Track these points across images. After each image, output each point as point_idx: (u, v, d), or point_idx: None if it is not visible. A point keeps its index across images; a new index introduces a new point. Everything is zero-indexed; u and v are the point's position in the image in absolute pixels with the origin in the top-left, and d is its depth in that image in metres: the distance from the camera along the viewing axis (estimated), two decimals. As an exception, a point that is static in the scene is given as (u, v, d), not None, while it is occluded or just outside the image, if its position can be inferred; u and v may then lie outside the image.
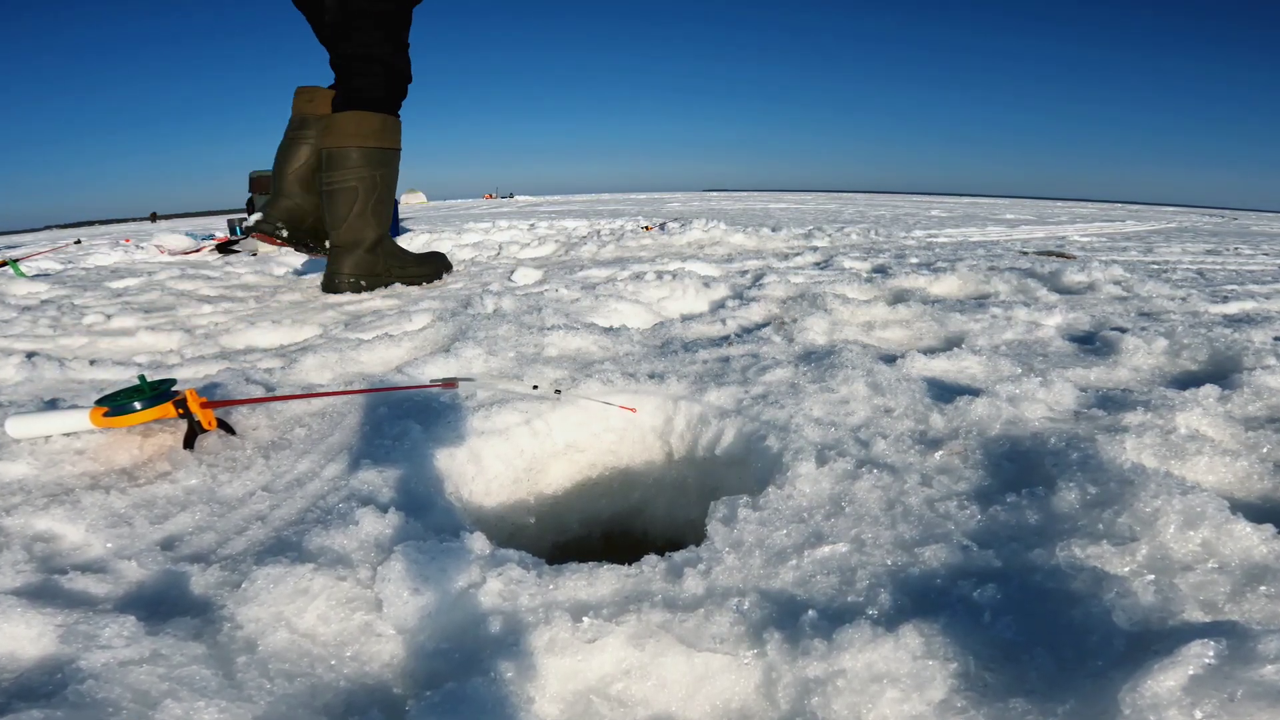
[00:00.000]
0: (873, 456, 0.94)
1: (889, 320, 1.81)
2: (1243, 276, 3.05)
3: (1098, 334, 1.61)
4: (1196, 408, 1.06)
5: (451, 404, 1.20)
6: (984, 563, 0.70)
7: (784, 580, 0.69)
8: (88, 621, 0.64)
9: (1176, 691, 0.45)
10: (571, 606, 0.65)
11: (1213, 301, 2.15)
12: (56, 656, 0.61)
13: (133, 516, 0.87)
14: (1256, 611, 0.61)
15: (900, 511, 0.80)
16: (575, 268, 3.07)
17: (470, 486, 1.03)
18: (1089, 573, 0.64)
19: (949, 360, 1.34)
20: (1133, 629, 0.56)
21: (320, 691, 0.59)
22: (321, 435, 1.10)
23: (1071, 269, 2.46)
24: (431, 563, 0.70)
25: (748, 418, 1.09)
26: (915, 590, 0.67)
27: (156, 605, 0.71)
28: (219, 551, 0.81)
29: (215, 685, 0.58)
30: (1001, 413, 1.05)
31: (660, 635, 0.60)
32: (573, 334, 1.53)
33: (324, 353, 1.51)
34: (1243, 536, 0.68)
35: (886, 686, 0.53)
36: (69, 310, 2.25)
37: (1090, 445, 0.89)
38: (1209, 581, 0.64)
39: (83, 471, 1.00)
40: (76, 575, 0.73)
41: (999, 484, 0.87)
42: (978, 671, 0.55)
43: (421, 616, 0.65)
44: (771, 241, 4.15)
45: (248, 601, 0.67)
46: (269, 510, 0.89)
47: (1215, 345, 1.39)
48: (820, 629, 0.59)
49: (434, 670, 0.61)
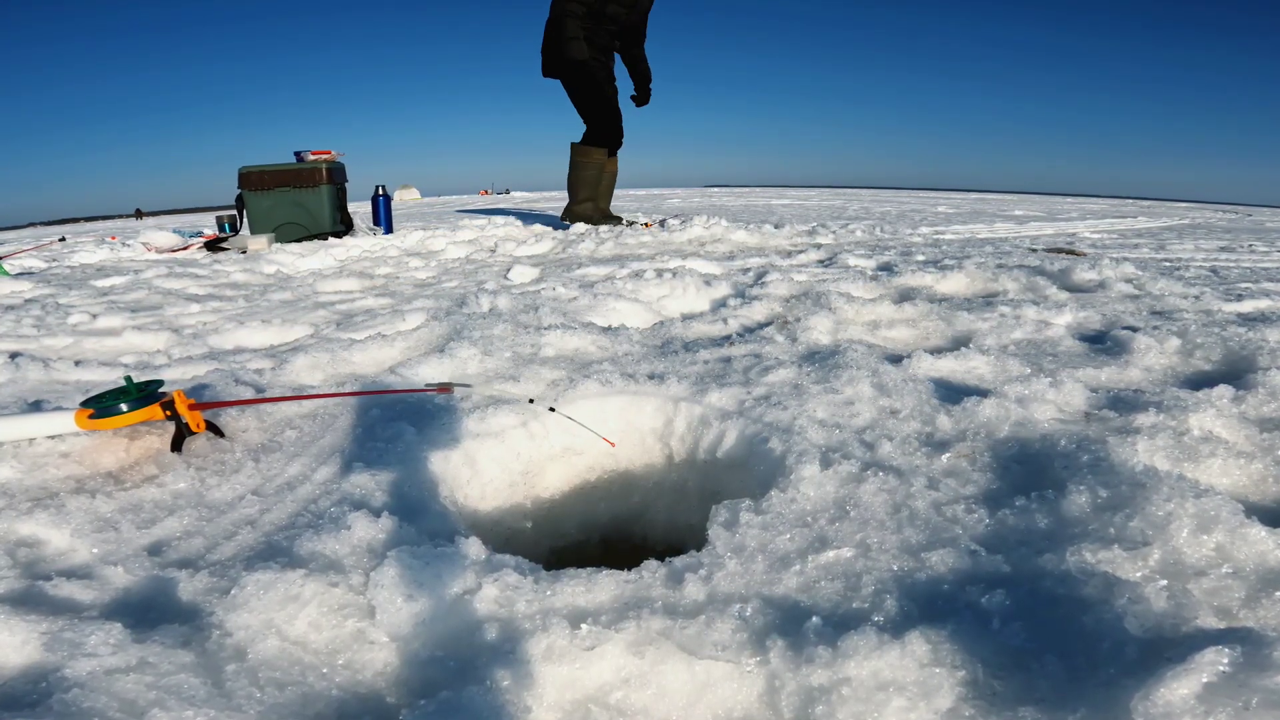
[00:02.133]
0: (878, 459, 0.94)
1: (895, 319, 1.81)
2: (1257, 274, 3.05)
3: (1109, 333, 1.61)
4: (1210, 409, 1.06)
5: (446, 406, 1.20)
6: (992, 568, 0.70)
7: (787, 586, 0.69)
8: (73, 629, 0.64)
9: (1190, 700, 0.45)
10: (569, 613, 0.65)
11: (1226, 300, 2.15)
12: (41, 664, 0.61)
13: (119, 521, 0.87)
14: (1272, 618, 0.61)
15: (906, 515, 0.80)
16: (573, 265, 3.07)
17: (465, 490, 1.03)
18: (1100, 578, 0.64)
19: (956, 360, 1.34)
20: (1145, 636, 0.56)
21: (312, 700, 0.59)
22: (313, 438, 1.10)
23: (1082, 266, 2.46)
24: (426, 568, 0.70)
25: (750, 419, 1.09)
26: (922, 596, 0.67)
27: (144, 612, 0.71)
28: (208, 557, 0.80)
29: (204, 694, 0.58)
30: (1010, 414, 1.05)
31: (660, 643, 0.60)
32: (570, 334, 1.53)
33: (315, 353, 1.51)
34: (1258, 541, 0.68)
35: (893, 695, 0.53)
36: (53, 310, 2.25)
37: (1101, 447, 0.89)
38: (1223, 587, 0.64)
39: (68, 475, 0.99)
40: (61, 581, 0.73)
41: (1008, 487, 0.87)
42: (986, 679, 0.55)
43: (415, 623, 0.65)
44: (774, 239, 4.15)
45: (237, 608, 0.67)
46: (259, 514, 0.89)
47: (1229, 345, 1.39)
48: (825, 636, 0.59)
49: (428, 679, 0.61)
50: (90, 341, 1.86)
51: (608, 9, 4.45)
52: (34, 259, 4.37)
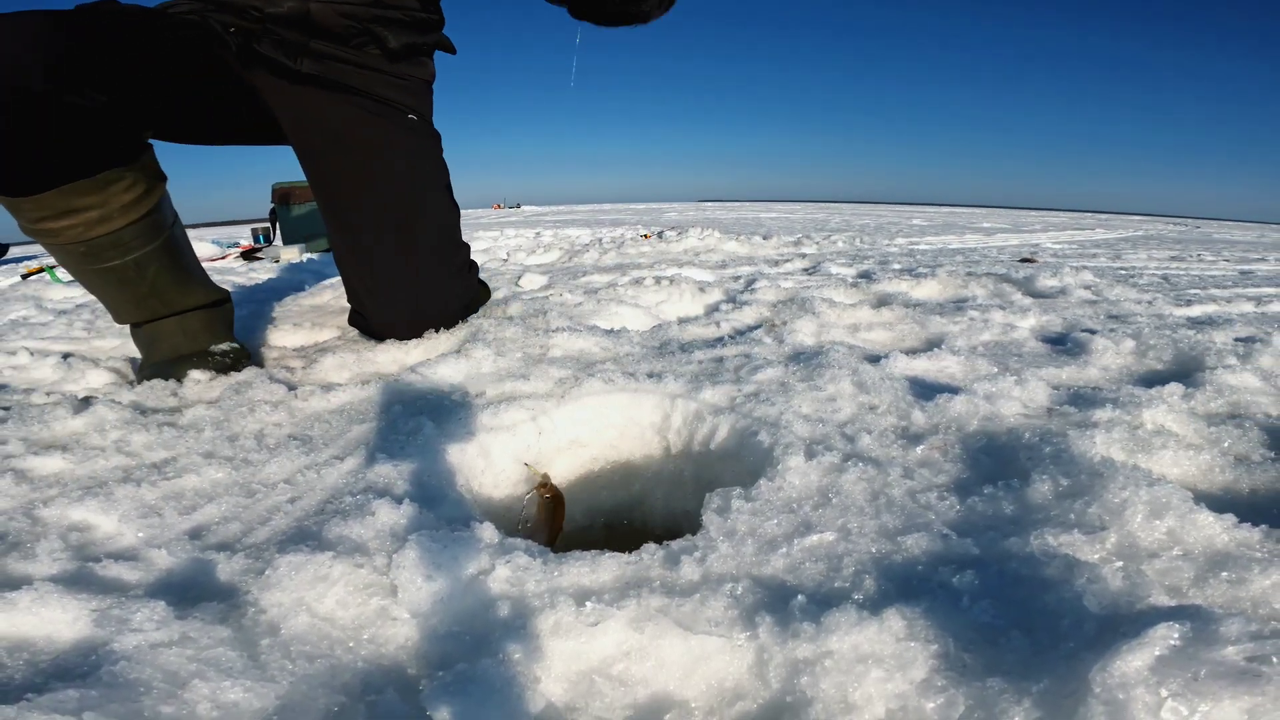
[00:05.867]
0: (858, 451, 0.94)
1: (873, 322, 1.81)
2: (1205, 281, 3.05)
3: (1069, 335, 1.61)
4: (1162, 405, 1.05)
5: (462, 402, 1.19)
6: (963, 550, 0.70)
7: (775, 567, 0.69)
8: (120, 606, 0.64)
9: (1144, 671, 0.45)
10: (575, 592, 0.65)
11: (1177, 305, 2.15)
12: (91, 639, 0.61)
13: (163, 508, 0.87)
14: (1218, 596, 0.61)
15: (884, 502, 0.80)
16: (578, 273, 3.07)
17: (480, 479, 1.03)
18: (1061, 560, 0.64)
19: (930, 360, 1.34)
20: (1103, 612, 0.56)
21: (339, 672, 0.59)
22: (340, 431, 1.10)
23: (1044, 274, 2.46)
24: (444, 551, 0.69)
25: (741, 414, 1.09)
26: (898, 576, 0.67)
27: (185, 591, 0.71)
28: (244, 540, 0.80)
29: (240, 666, 0.58)
30: (979, 410, 1.05)
31: (659, 619, 0.60)
32: (576, 336, 1.53)
33: (342, 353, 1.51)
34: (1205, 525, 0.68)
35: (871, 667, 0.53)
36: (102, 314, 2.24)
37: (1062, 440, 0.89)
38: (1174, 568, 0.64)
39: (115, 466, 0.99)
40: (110, 563, 0.73)
41: (977, 476, 0.86)
42: (957, 653, 0.55)
43: (434, 601, 0.65)
44: (763, 249, 4.14)
45: (271, 587, 0.67)
46: (291, 502, 0.88)
47: (1179, 346, 1.39)
48: (809, 613, 0.59)
49: (446, 652, 0.61)
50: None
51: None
52: (84, 267, 4.37)
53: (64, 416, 1.12)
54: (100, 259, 1.28)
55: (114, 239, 1.27)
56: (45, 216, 1.19)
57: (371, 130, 1.38)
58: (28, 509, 0.86)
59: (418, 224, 1.45)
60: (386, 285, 1.48)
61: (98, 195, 1.21)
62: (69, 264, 1.30)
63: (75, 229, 1.22)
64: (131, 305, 1.39)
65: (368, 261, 1.45)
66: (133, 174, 1.26)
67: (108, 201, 1.23)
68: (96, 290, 1.38)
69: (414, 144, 1.46)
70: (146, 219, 1.31)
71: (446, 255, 1.57)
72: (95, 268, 1.30)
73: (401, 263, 1.45)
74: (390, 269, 1.46)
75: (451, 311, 1.62)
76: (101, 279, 1.33)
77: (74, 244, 1.24)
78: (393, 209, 1.41)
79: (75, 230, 1.22)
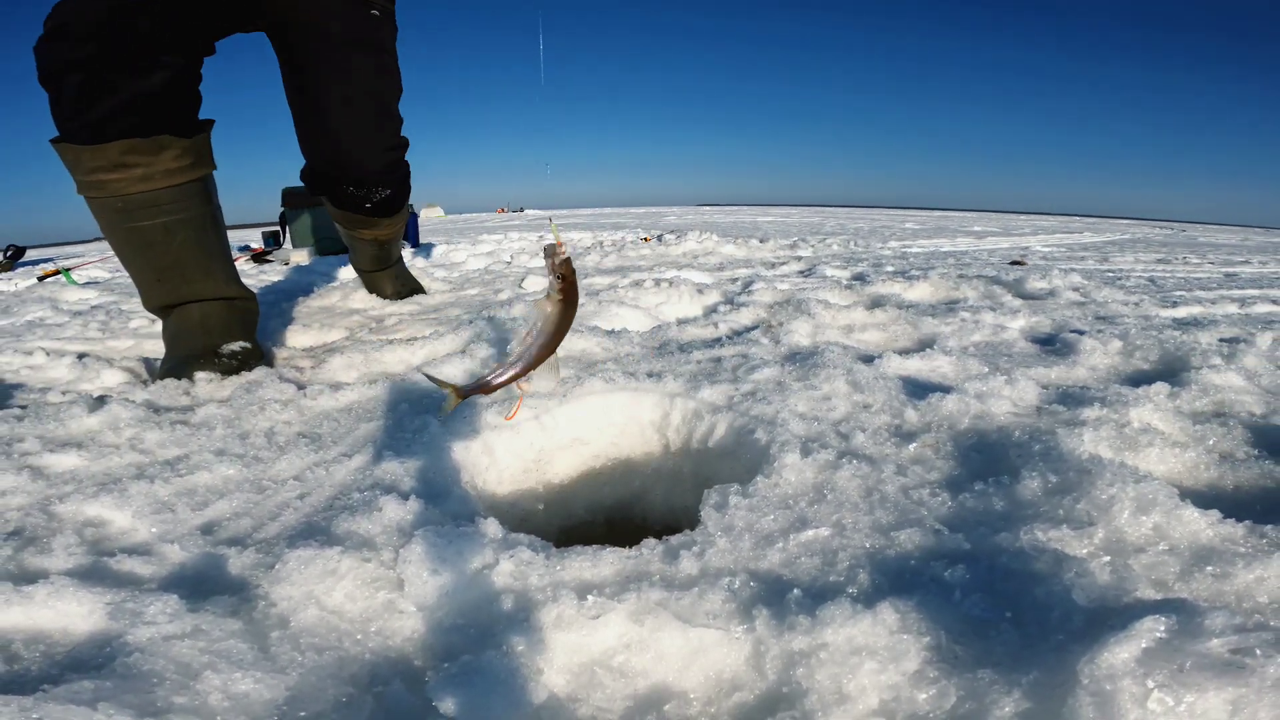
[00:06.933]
0: (852, 448, 0.94)
1: (867, 323, 1.81)
2: (1190, 284, 3.05)
3: (1058, 336, 1.61)
4: (1148, 403, 1.06)
5: (467, 402, 1.19)
6: (954, 545, 0.70)
7: (771, 561, 0.69)
8: (134, 600, 0.64)
9: (1130, 663, 0.45)
10: (577, 586, 0.65)
11: (1163, 306, 2.15)
12: (105, 632, 0.61)
13: (175, 504, 0.87)
14: (1203, 590, 0.61)
15: (878, 499, 0.80)
16: (580, 276, 3.07)
17: (484, 476, 1.03)
18: (1050, 554, 0.64)
19: (922, 360, 1.34)
20: (1090, 606, 0.56)
21: (347, 663, 0.59)
22: (348, 429, 1.10)
23: (1034, 276, 2.46)
24: (449, 546, 0.70)
25: (738, 413, 1.09)
26: (891, 571, 0.67)
27: (197, 584, 0.71)
28: (255, 535, 0.80)
29: (251, 658, 0.58)
30: (970, 408, 1.05)
31: (658, 612, 0.60)
32: (578, 336, 1.53)
33: (350, 353, 1.51)
34: (1191, 521, 0.68)
35: (865, 659, 0.53)
36: (116, 315, 2.25)
37: (1051, 438, 0.89)
38: (1160, 562, 0.64)
39: (129, 463, 0.99)
40: (124, 558, 0.73)
41: (968, 473, 0.87)
42: (949, 645, 0.55)
43: (440, 595, 0.65)
44: (760, 251, 4.14)
45: (281, 581, 0.67)
46: (300, 498, 0.89)
47: (1165, 346, 1.39)
48: (805, 606, 0.59)
49: (451, 644, 0.61)
50: (150, 343, 1.86)
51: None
52: (99, 269, 4.37)
53: (79, 415, 1.12)
54: (134, 217, 1.38)
55: (151, 197, 1.37)
56: (100, 168, 1.32)
57: (339, 24, 1.56)
58: (44, 505, 0.86)
59: (358, 87, 1.64)
60: (319, 128, 1.71)
61: (149, 156, 1.34)
62: (105, 222, 1.41)
63: (121, 183, 1.34)
64: (154, 277, 1.46)
65: (313, 101, 1.66)
66: (182, 146, 1.38)
67: (154, 163, 1.35)
68: (125, 257, 1.45)
69: (378, 34, 1.64)
70: (184, 187, 1.41)
71: (375, 116, 1.75)
72: (127, 225, 1.39)
73: (340, 110, 1.66)
74: (331, 116, 1.67)
75: (371, 169, 1.83)
76: (131, 242, 1.42)
77: (115, 198, 1.35)
78: (343, 76, 1.62)
79: (120, 184, 1.34)
